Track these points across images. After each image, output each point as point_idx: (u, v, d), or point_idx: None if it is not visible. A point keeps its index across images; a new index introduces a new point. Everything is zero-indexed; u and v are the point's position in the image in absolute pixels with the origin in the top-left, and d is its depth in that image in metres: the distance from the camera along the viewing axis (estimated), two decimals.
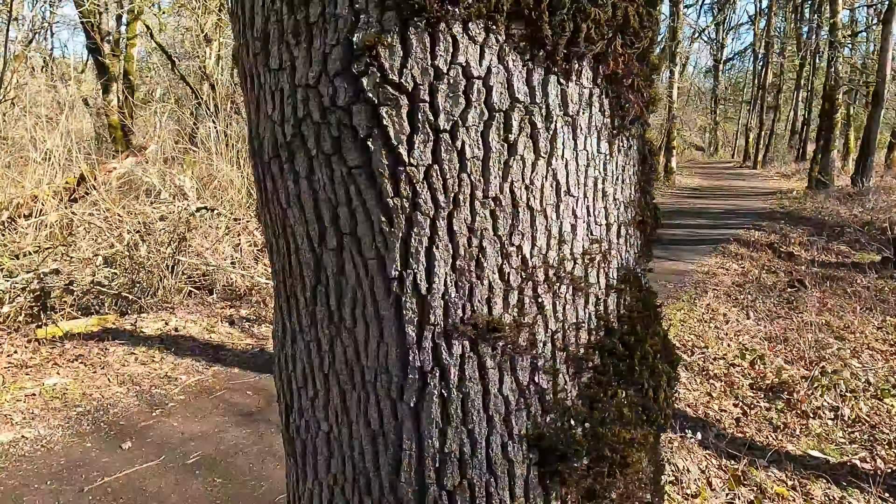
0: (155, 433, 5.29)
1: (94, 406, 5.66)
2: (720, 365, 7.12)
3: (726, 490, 4.83)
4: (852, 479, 5.12)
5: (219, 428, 5.45)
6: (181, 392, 6.06)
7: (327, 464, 1.08)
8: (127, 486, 4.48)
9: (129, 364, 6.51)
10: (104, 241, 9.17)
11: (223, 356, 6.92)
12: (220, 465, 4.85)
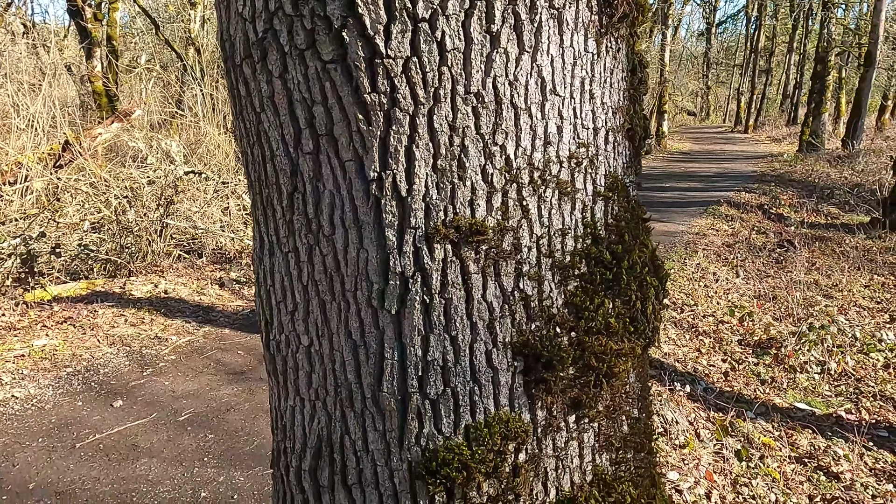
0: (146, 392, 5.29)
1: (83, 366, 5.64)
2: (709, 322, 7.18)
3: (714, 440, 4.90)
4: (837, 430, 5.20)
5: (210, 386, 5.46)
6: (172, 352, 6.05)
7: (308, 378, 1.05)
8: (119, 443, 4.49)
9: (118, 325, 6.48)
10: (91, 206, 9.06)
11: (213, 317, 6.90)
12: (212, 421, 4.86)
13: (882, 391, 5.89)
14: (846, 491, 4.38)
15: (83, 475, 4.09)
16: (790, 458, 4.81)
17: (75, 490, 3.92)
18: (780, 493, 4.30)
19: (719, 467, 4.57)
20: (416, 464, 1.00)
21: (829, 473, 4.61)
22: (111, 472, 4.13)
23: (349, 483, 1.05)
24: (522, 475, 1.00)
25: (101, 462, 4.25)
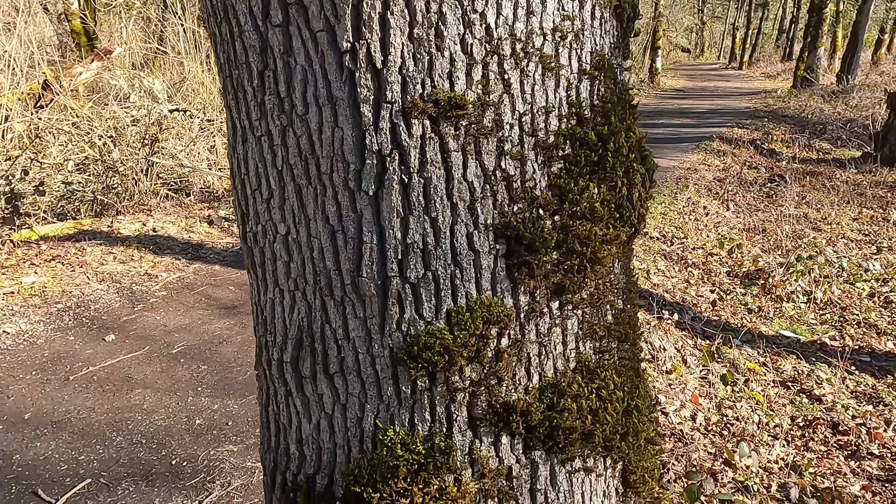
0: (138, 326, 5.31)
1: (74, 302, 5.63)
2: (699, 254, 7.22)
3: (700, 366, 4.98)
4: (821, 356, 5.30)
5: (202, 320, 5.48)
6: (162, 288, 6.05)
7: (287, 269, 1.03)
8: (112, 375, 4.52)
9: (107, 263, 6.45)
10: (74, 146, 8.89)
11: (203, 254, 6.88)
12: (205, 353, 4.90)
13: (866, 319, 5.98)
14: (827, 412, 4.49)
15: (78, 405, 4.13)
16: (774, 382, 4.92)
17: (70, 419, 3.97)
18: (763, 415, 4.40)
19: (705, 391, 4.67)
20: (397, 349, 0.99)
21: (812, 396, 4.72)
22: (106, 403, 4.17)
23: (331, 372, 1.04)
24: (505, 360, 0.99)
25: (96, 393, 4.29)
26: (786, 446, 4.15)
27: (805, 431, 4.29)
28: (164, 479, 3.41)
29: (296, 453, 1.13)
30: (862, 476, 3.82)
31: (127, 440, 3.77)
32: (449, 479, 1.03)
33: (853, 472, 3.86)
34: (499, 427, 1.01)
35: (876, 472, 3.85)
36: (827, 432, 4.27)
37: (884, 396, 4.70)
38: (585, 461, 1.11)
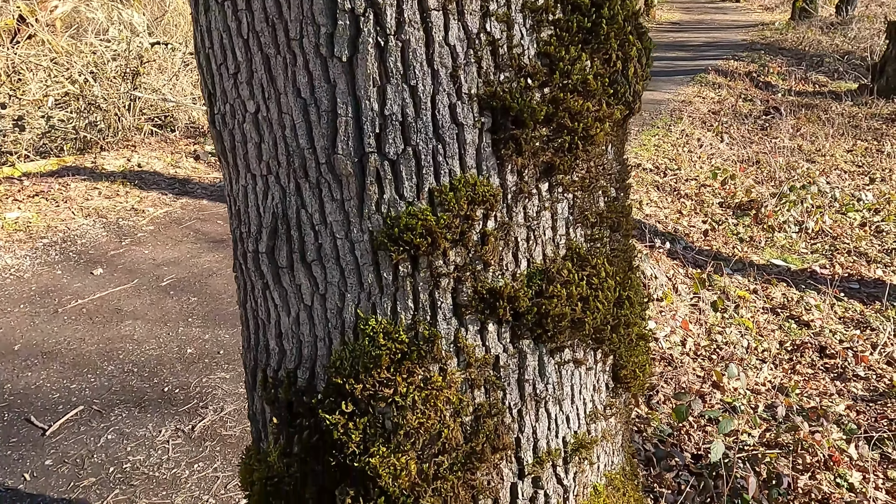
0: (126, 260, 5.25)
1: (60, 237, 5.55)
2: (692, 185, 7.16)
3: (691, 294, 5.00)
4: (811, 283, 5.32)
5: (191, 254, 5.42)
6: (149, 223, 5.97)
7: (258, 151, 0.97)
8: (102, 308, 4.50)
9: (92, 198, 6.33)
10: (54, 81, 8.62)
11: (190, 189, 6.77)
12: (195, 286, 4.86)
13: (857, 247, 6.00)
14: (815, 337, 4.53)
15: (68, 336, 4.11)
16: (764, 309, 4.95)
17: (61, 350, 3.96)
18: (752, 340, 4.44)
19: (695, 318, 4.69)
20: (377, 233, 0.93)
21: (801, 322, 4.75)
22: (96, 334, 4.16)
23: (308, 260, 0.99)
24: (491, 244, 0.94)
25: (85, 325, 4.26)
26: (773, 369, 4.20)
27: (793, 355, 4.34)
28: (157, 405, 3.43)
29: (275, 349, 1.09)
30: (847, 397, 3.88)
31: (118, 369, 3.77)
32: (434, 369, 0.99)
33: (839, 393, 3.91)
34: (485, 314, 0.97)
35: (861, 393, 3.91)
36: (814, 356, 4.32)
37: (871, 321, 4.74)
38: (575, 352, 1.07)
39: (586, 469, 1.16)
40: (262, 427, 1.18)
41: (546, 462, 1.08)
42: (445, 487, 1.02)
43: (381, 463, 1.01)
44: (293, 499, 1.10)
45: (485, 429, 1.02)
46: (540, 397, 1.06)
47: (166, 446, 3.11)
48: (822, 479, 3.16)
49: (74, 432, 3.19)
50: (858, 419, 3.61)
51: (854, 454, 3.34)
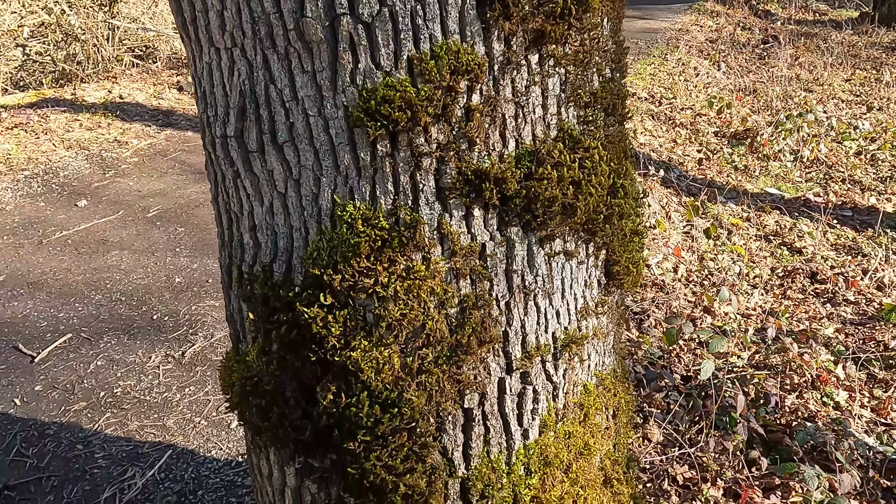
0: (110, 192, 5.15)
1: (41, 169, 5.42)
2: (687, 114, 7.03)
3: (684, 222, 4.96)
4: (805, 211, 5.29)
5: (177, 185, 5.32)
6: (133, 155, 5.83)
7: (221, 20, 0.88)
8: (87, 239, 4.42)
9: (73, 130, 6.16)
10: (28, 12, 8.27)
11: (174, 121, 6.59)
12: (181, 217, 4.79)
13: (851, 176, 5.95)
14: (807, 263, 4.53)
15: (53, 267, 4.05)
16: (756, 236, 4.93)
17: (47, 280, 3.90)
18: (744, 267, 4.43)
19: (688, 245, 4.67)
20: (352, 107, 0.86)
21: (793, 249, 4.74)
22: (82, 264, 4.10)
23: (280, 142, 0.92)
24: (476, 119, 0.87)
25: (71, 255, 4.20)
26: (764, 295, 4.21)
27: (784, 281, 4.34)
28: (146, 332, 3.40)
29: (250, 243, 1.03)
30: (836, 320, 3.90)
31: (106, 298, 3.73)
32: (416, 258, 0.94)
33: (828, 317, 3.93)
34: (470, 198, 0.91)
35: (850, 317, 3.93)
36: (805, 281, 4.32)
37: (863, 247, 4.74)
38: (566, 244, 1.02)
39: (576, 367, 1.13)
40: (240, 327, 1.13)
41: (535, 357, 1.05)
42: (430, 381, 0.98)
43: (362, 357, 0.96)
44: (273, 398, 1.06)
45: (471, 321, 0.97)
46: (529, 290, 1.01)
47: (157, 372, 3.10)
48: (808, 399, 3.19)
49: (63, 359, 3.17)
50: (847, 341, 3.64)
51: (841, 374, 3.38)
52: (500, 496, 1.10)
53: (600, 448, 1.22)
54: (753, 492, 2.51)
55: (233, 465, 2.55)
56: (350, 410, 1.00)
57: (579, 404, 1.16)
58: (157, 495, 2.41)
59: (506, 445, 1.08)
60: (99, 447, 2.64)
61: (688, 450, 2.74)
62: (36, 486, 2.45)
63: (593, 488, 1.21)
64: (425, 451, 1.03)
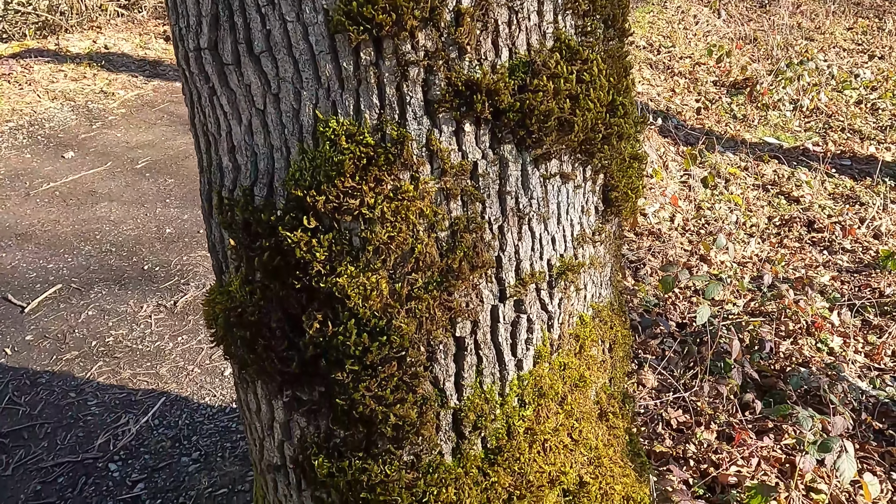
0: (98, 143, 5.04)
1: (26, 121, 5.30)
2: (686, 63, 6.89)
3: (681, 172, 4.90)
4: (803, 160, 5.23)
5: (165, 136, 5.21)
6: (120, 106, 5.70)
7: None
8: (75, 190, 4.35)
9: (58, 81, 6.01)
10: None
11: (162, 71, 6.43)
12: (171, 168, 4.70)
13: (851, 125, 5.86)
14: (804, 212, 4.49)
15: (41, 219, 3.99)
16: (754, 185, 4.87)
17: (35, 232, 3.84)
18: (741, 216, 4.39)
19: (684, 194, 4.62)
20: (332, 11, 0.80)
21: (790, 198, 4.70)
22: (70, 216, 4.03)
23: (256, 52, 0.86)
24: (467, 24, 0.81)
25: (59, 207, 4.13)
26: (761, 244, 4.18)
27: (781, 230, 4.31)
28: (137, 282, 3.36)
29: (229, 166, 0.98)
30: (832, 268, 3.88)
31: (96, 249, 3.68)
32: (404, 177, 0.89)
33: (824, 265, 3.91)
34: (461, 112, 0.85)
35: (846, 265, 3.91)
36: (802, 230, 4.29)
37: (861, 196, 4.70)
38: (562, 164, 0.97)
39: (572, 296, 1.09)
40: (223, 257, 1.09)
41: (529, 285, 1.01)
42: (420, 308, 0.94)
43: (349, 283, 0.92)
44: (258, 328, 1.02)
45: (462, 245, 0.93)
46: (523, 213, 0.96)
47: (149, 321, 3.07)
48: (803, 345, 3.19)
49: (54, 309, 3.14)
50: (842, 289, 3.63)
51: (836, 321, 3.37)
52: (494, 427, 1.07)
53: (596, 381, 1.19)
54: (746, 434, 2.52)
55: (227, 411, 2.55)
56: (337, 339, 0.96)
57: (575, 336, 1.13)
58: (152, 441, 2.41)
59: (499, 376, 1.05)
60: (92, 395, 2.63)
61: (682, 394, 2.74)
62: (29, 432, 2.44)
63: (588, 421, 1.19)
64: (416, 382, 0.99)
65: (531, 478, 1.11)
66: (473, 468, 1.08)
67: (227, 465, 2.27)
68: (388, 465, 1.05)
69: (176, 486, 2.22)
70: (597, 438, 1.22)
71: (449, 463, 1.07)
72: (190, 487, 2.20)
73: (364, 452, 1.06)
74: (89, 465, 2.30)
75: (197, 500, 2.14)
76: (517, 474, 1.10)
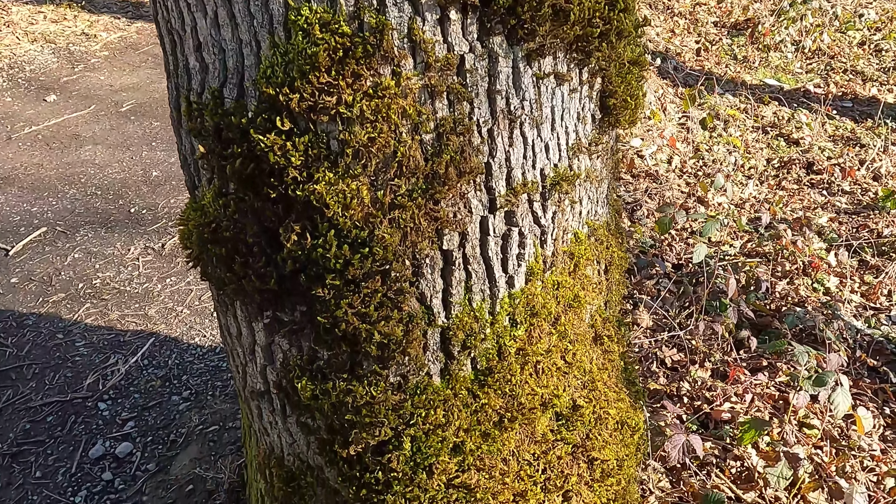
0: (80, 86, 4.90)
1: (6, 63, 5.14)
2: (686, 3, 6.69)
3: (680, 114, 4.80)
4: (804, 101, 5.12)
5: (150, 79, 5.07)
6: (103, 48, 5.52)
7: None
8: (58, 134, 4.23)
9: (37, 23, 5.80)
10: None
11: (145, 13, 6.21)
12: (156, 111, 4.58)
13: (853, 67, 5.73)
14: (803, 154, 4.41)
15: (24, 162, 3.89)
16: (753, 128, 4.78)
17: (18, 175, 3.75)
18: (739, 158, 4.32)
19: (683, 136, 4.53)
20: None
21: (790, 140, 4.61)
22: (54, 159, 3.94)
23: None
24: None
25: (42, 150, 4.03)
26: (759, 186, 4.12)
27: (780, 172, 4.24)
28: (124, 225, 3.29)
29: (196, 66, 0.90)
30: (830, 210, 3.83)
31: (81, 192, 3.60)
32: (385, 72, 0.82)
33: (822, 207, 3.86)
34: None
35: (844, 206, 3.86)
36: (801, 172, 4.22)
37: (862, 138, 4.61)
38: (557, 62, 0.90)
39: (567, 210, 1.03)
40: (195, 171, 1.02)
41: (521, 195, 0.95)
42: (405, 218, 0.88)
43: (327, 190, 0.86)
44: (234, 245, 0.97)
45: (449, 149, 0.86)
46: (514, 116, 0.89)
47: (136, 263, 3.01)
48: (799, 285, 3.16)
49: (39, 252, 3.08)
50: (840, 230, 3.58)
51: (833, 261, 3.34)
52: (484, 348, 1.03)
53: (591, 303, 1.14)
54: (741, 371, 2.50)
55: (217, 351, 2.51)
56: (317, 252, 0.90)
57: (569, 253, 1.08)
58: (141, 381, 2.38)
59: (489, 293, 1.00)
60: (79, 336, 2.59)
61: (678, 332, 2.72)
62: (17, 373, 2.41)
63: (582, 344, 1.15)
64: (401, 298, 0.94)
65: (523, 400, 1.08)
66: (463, 390, 1.04)
67: (217, 404, 2.25)
68: (373, 387, 1.01)
69: (167, 423, 2.20)
70: (591, 362, 1.18)
71: (437, 384, 1.03)
72: (181, 425, 2.18)
73: (349, 374, 1.02)
74: (78, 404, 2.28)
75: (188, 438, 2.13)
76: (508, 396, 1.07)
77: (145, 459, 2.06)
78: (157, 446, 2.11)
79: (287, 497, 1.27)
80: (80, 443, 2.13)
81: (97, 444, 2.12)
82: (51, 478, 2.01)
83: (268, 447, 1.28)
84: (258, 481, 1.42)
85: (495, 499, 1.11)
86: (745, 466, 2.24)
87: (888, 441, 2.35)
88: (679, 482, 2.19)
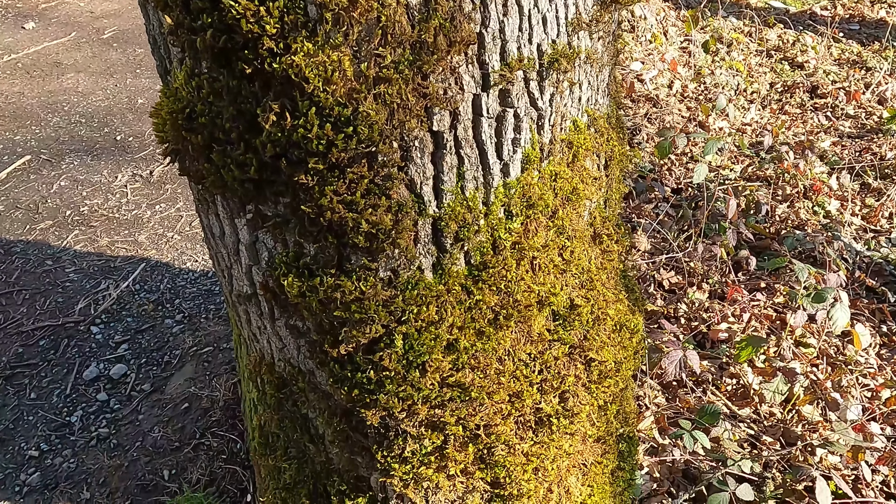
0: (60, 13, 4.71)
1: None
2: None
3: (682, 37, 4.65)
4: (810, 24, 4.96)
5: (132, 5, 4.87)
6: None
7: None
8: (39, 62, 4.09)
9: None
10: None
11: None
12: (140, 38, 4.41)
13: None
14: (808, 77, 4.29)
15: (4, 91, 3.77)
16: (757, 51, 4.64)
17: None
18: (742, 82, 4.20)
19: (684, 60, 4.40)
20: None
21: (794, 64, 4.48)
22: (35, 87, 3.81)
23: None
24: None
25: (23, 79, 3.89)
26: (761, 110, 4.02)
27: (783, 96, 4.13)
28: (110, 153, 3.21)
29: None
30: (833, 133, 3.75)
31: (65, 120, 3.49)
32: None
33: (825, 131, 3.78)
34: None
35: (848, 130, 3.77)
36: (804, 96, 4.12)
37: (868, 61, 4.48)
38: None
39: (565, 93, 0.97)
40: (165, 52, 0.95)
41: (516, 70, 0.88)
42: (391, 93, 0.82)
43: (306, 63, 0.79)
44: (210, 131, 0.90)
45: (438, 14, 0.79)
46: None
47: (124, 190, 2.95)
48: (800, 208, 3.11)
49: (24, 180, 3.01)
50: (843, 153, 3.51)
51: (834, 185, 3.28)
52: (478, 241, 0.98)
53: (590, 198, 1.09)
54: (739, 291, 2.48)
55: (209, 275, 2.48)
56: (298, 133, 0.84)
57: (568, 143, 1.02)
58: (134, 305, 2.35)
59: (483, 181, 0.94)
60: (69, 262, 2.55)
61: (676, 254, 2.69)
62: (7, 299, 2.38)
63: (581, 241, 1.11)
64: (389, 184, 0.89)
65: (518, 297, 1.04)
66: (456, 285, 1.00)
67: (210, 325, 2.23)
68: (362, 282, 0.96)
69: (160, 345, 2.18)
70: (590, 261, 1.14)
71: (429, 279, 0.99)
72: (174, 347, 2.17)
73: (336, 269, 0.97)
74: (70, 328, 2.26)
75: (182, 358, 2.11)
76: (503, 293, 1.03)
77: (140, 380, 2.05)
78: (152, 367, 2.10)
79: (279, 404, 1.25)
80: (73, 365, 2.11)
81: (91, 367, 2.10)
82: (46, 399, 2.01)
83: (258, 354, 1.25)
84: (250, 391, 1.40)
85: (490, 398, 1.08)
86: (741, 384, 2.24)
87: (884, 358, 2.35)
88: (675, 398, 2.19)
